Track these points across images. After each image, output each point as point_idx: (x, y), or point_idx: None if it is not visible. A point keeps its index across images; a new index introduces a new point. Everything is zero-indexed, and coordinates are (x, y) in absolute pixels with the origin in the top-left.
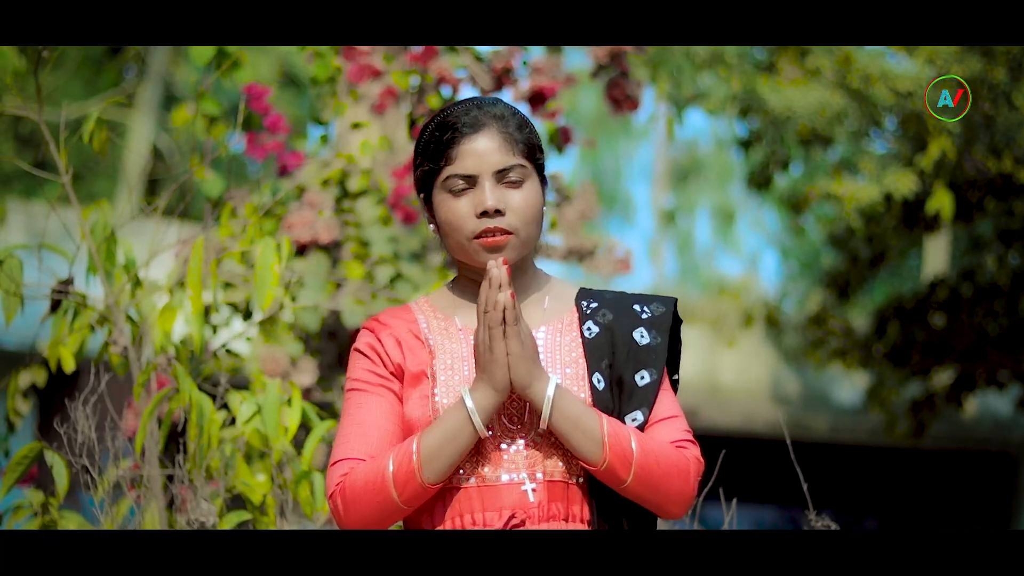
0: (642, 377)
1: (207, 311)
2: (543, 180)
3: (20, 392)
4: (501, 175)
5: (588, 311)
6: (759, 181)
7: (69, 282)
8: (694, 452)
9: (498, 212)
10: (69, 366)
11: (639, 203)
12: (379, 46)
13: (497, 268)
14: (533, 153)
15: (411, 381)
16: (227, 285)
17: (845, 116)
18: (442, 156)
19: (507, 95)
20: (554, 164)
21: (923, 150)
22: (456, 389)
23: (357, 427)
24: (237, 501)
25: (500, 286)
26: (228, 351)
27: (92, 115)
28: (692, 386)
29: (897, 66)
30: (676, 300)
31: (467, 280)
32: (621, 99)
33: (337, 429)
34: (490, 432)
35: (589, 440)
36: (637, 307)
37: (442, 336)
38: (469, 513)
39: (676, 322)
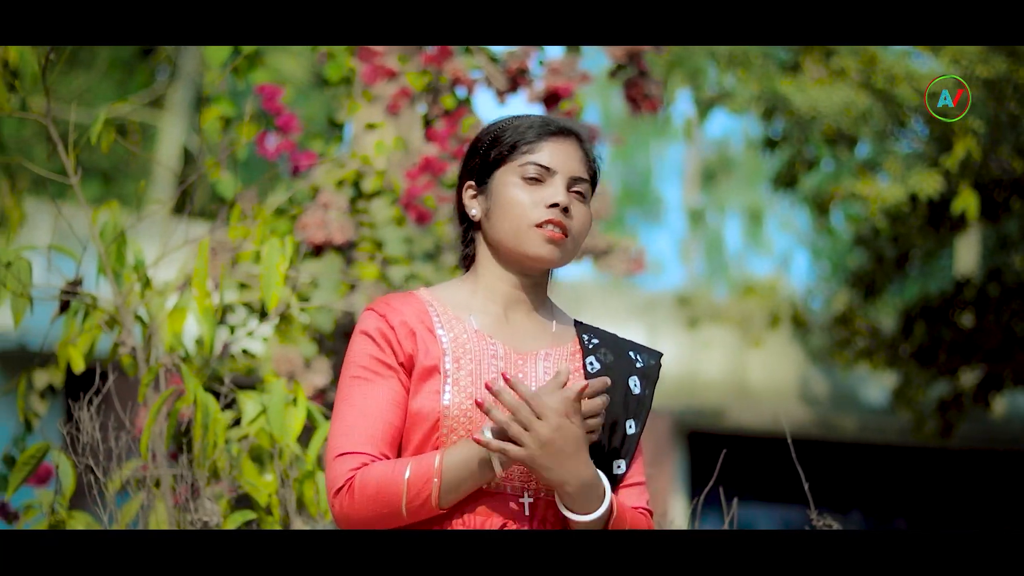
0: (631, 426)
1: (223, 312)
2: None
3: (37, 392)
4: (573, 182)
5: (590, 346)
6: (785, 181)
7: (78, 283)
8: (649, 521)
9: (566, 210)
10: (78, 366)
11: (670, 203)
12: (393, 47)
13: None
14: (595, 181)
15: (422, 374)
16: (242, 286)
17: (870, 116)
18: (523, 146)
19: (522, 96)
20: None
21: (948, 150)
22: (469, 392)
23: (363, 418)
24: (244, 501)
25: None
26: (244, 351)
27: (100, 117)
28: (720, 386)
29: (922, 66)
30: (661, 355)
31: (490, 276)
32: (640, 99)
33: (335, 416)
34: (502, 473)
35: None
36: (632, 354)
37: (456, 333)
38: (460, 516)
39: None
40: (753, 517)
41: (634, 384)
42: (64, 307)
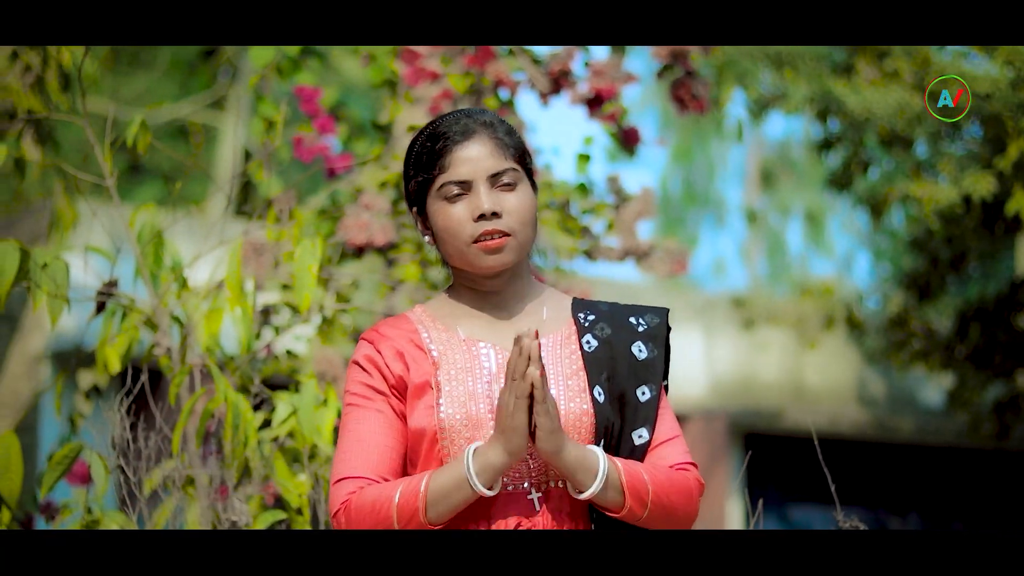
0: (643, 393)
1: (267, 313)
2: (534, 185)
3: (82, 393)
4: (495, 179)
5: (586, 324)
6: (841, 183)
7: (114, 284)
8: (695, 474)
9: (495, 215)
10: (114, 367)
11: (731, 205)
12: (436, 47)
13: (528, 339)
14: (524, 158)
15: (415, 392)
16: (285, 287)
17: (924, 117)
18: (435, 165)
19: (565, 97)
20: (638, 165)
21: (1002, 152)
22: (461, 401)
23: (358, 443)
24: (277, 501)
25: (530, 359)
26: (289, 352)
27: (136, 119)
28: (777, 387)
29: (976, 67)
30: (668, 311)
31: (465, 288)
32: (687, 99)
33: (337, 444)
34: (491, 492)
35: (612, 491)
36: (633, 320)
37: (444, 346)
38: (473, 520)
39: (668, 331)
40: (809, 519)
41: (639, 350)
42: (100, 308)
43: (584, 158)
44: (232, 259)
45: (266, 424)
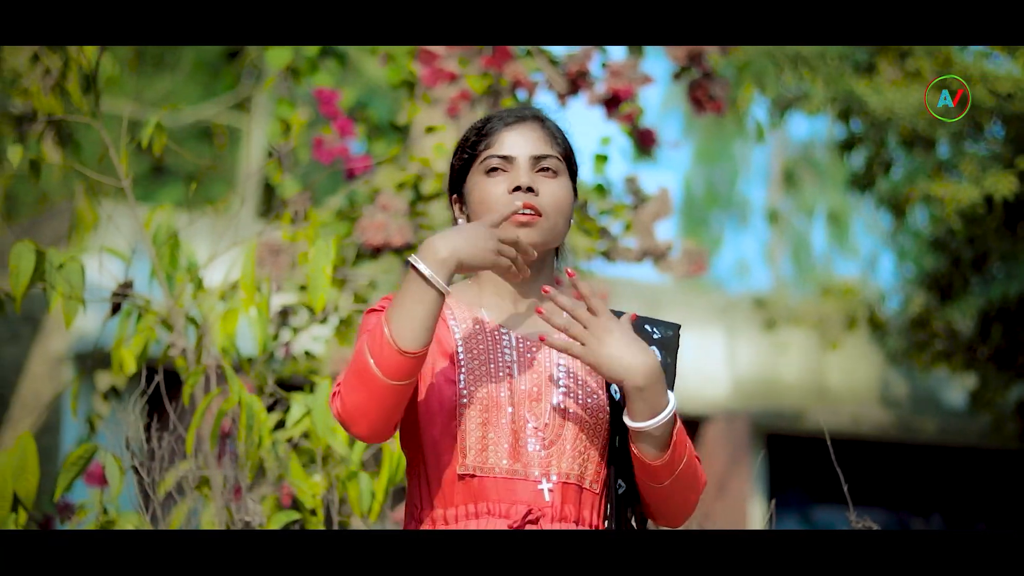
0: None
1: (285, 314)
2: (575, 189)
3: (100, 394)
4: (537, 161)
5: None
6: (863, 183)
7: (129, 285)
8: (702, 469)
9: (530, 190)
10: (129, 369)
11: (755, 206)
12: (454, 48)
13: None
14: (569, 155)
15: (439, 353)
16: (302, 288)
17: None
18: (481, 143)
19: (582, 98)
20: (661, 166)
21: None
22: (482, 382)
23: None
24: (292, 501)
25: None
26: (307, 353)
27: (152, 120)
28: (799, 388)
29: (998, 68)
30: (680, 326)
31: (491, 276)
32: (704, 100)
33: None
34: (440, 284)
35: (664, 433)
36: (648, 327)
37: (467, 326)
38: (484, 502)
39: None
40: (832, 520)
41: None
42: (116, 309)
43: (601, 159)
44: (246, 260)
45: (281, 425)
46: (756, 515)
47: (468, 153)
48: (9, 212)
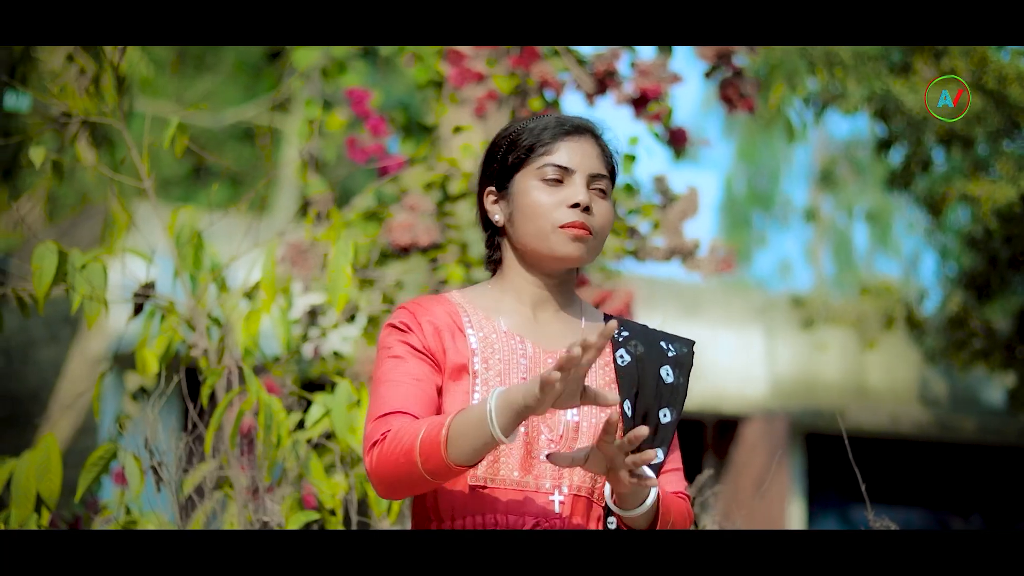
0: (665, 415)
1: (313, 314)
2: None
3: (129, 394)
4: (593, 179)
5: (620, 339)
6: (901, 182)
7: (150, 286)
8: (688, 506)
9: (587, 209)
10: (152, 369)
11: (797, 205)
12: (482, 48)
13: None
14: (615, 176)
15: (452, 373)
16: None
17: (983, 117)
18: (539, 146)
19: (610, 98)
20: (703, 165)
21: None
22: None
23: (397, 387)
24: (312, 501)
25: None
26: (335, 354)
27: (173, 121)
28: (838, 387)
29: None
30: (694, 343)
31: (514, 280)
32: (735, 99)
33: (371, 397)
34: (507, 439)
35: (649, 516)
36: (663, 344)
37: (485, 334)
38: (492, 513)
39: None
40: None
41: (666, 373)
42: (138, 310)
43: (630, 159)
44: (267, 260)
45: (301, 425)
46: (795, 515)
47: (523, 154)
48: (51, 214)
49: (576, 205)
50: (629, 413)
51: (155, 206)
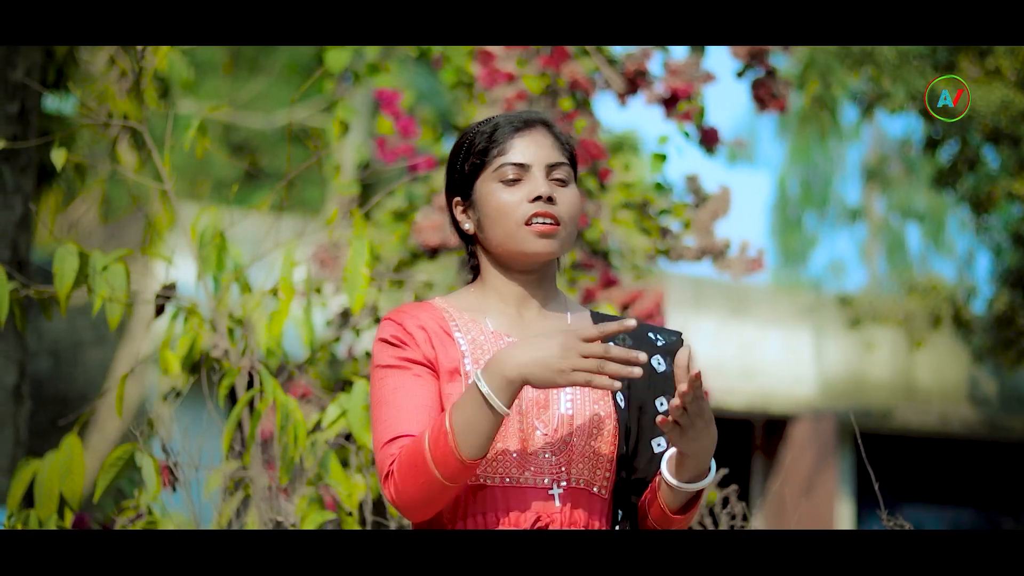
0: (662, 403)
1: (345, 315)
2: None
3: (161, 396)
4: (551, 170)
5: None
6: (948, 180)
7: (172, 287)
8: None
9: (550, 200)
10: (173, 371)
11: (851, 204)
12: (512, 48)
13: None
14: (574, 163)
15: (446, 377)
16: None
17: None
18: (493, 149)
19: (641, 97)
20: (757, 165)
21: None
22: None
23: (396, 409)
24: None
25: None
26: (368, 354)
27: (194, 123)
28: (887, 386)
29: None
30: (681, 333)
31: (494, 282)
32: (767, 98)
33: (373, 414)
34: (509, 410)
35: (695, 496)
36: (652, 335)
37: (473, 336)
38: (493, 512)
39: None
40: (920, 519)
41: (658, 363)
42: (159, 311)
43: (660, 157)
44: (285, 262)
45: (319, 426)
46: (844, 514)
47: (479, 159)
48: (106, 215)
49: (538, 198)
50: (623, 404)
51: (178, 207)
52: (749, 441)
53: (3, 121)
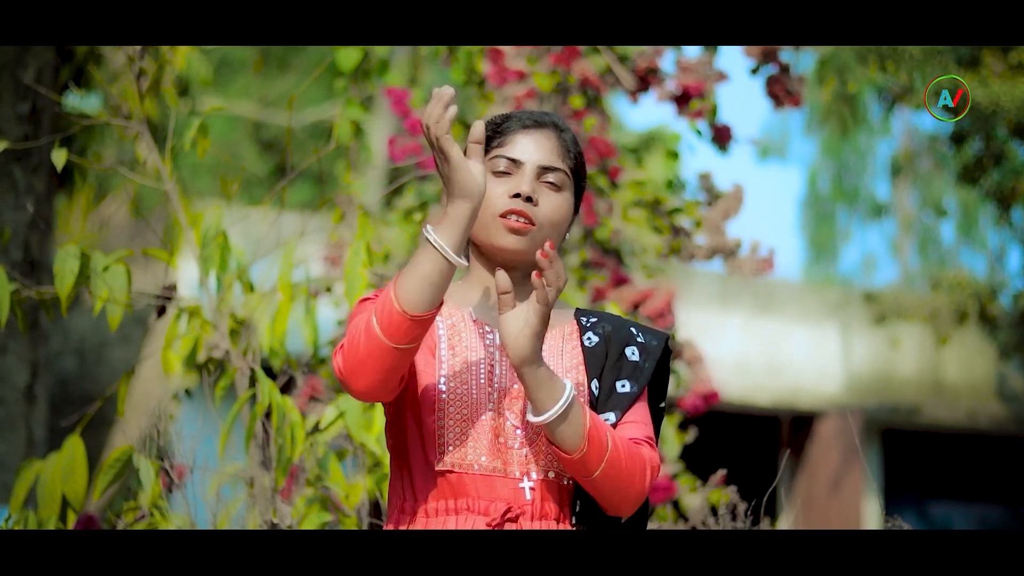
0: (623, 386)
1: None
2: (577, 207)
3: (171, 394)
4: (544, 172)
5: (588, 324)
6: (973, 176)
7: (172, 287)
8: (651, 453)
9: (529, 199)
10: (174, 371)
11: (881, 199)
12: (522, 47)
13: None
14: (578, 172)
15: (420, 354)
16: (370, 287)
17: None
18: (497, 140)
19: (652, 95)
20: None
21: None
22: (463, 378)
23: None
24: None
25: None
26: None
27: (195, 122)
28: (914, 383)
29: None
30: (668, 336)
31: (479, 273)
32: (782, 95)
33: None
34: (459, 259)
35: (572, 428)
36: (634, 330)
37: (454, 321)
38: (464, 497)
39: (666, 355)
40: (948, 517)
41: (631, 352)
42: (161, 312)
43: (672, 155)
44: (284, 261)
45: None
46: (871, 512)
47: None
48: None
49: (517, 195)
50: (596, 392)
51: (177, 207)
52: (776, 438)
53: (14, 121)
